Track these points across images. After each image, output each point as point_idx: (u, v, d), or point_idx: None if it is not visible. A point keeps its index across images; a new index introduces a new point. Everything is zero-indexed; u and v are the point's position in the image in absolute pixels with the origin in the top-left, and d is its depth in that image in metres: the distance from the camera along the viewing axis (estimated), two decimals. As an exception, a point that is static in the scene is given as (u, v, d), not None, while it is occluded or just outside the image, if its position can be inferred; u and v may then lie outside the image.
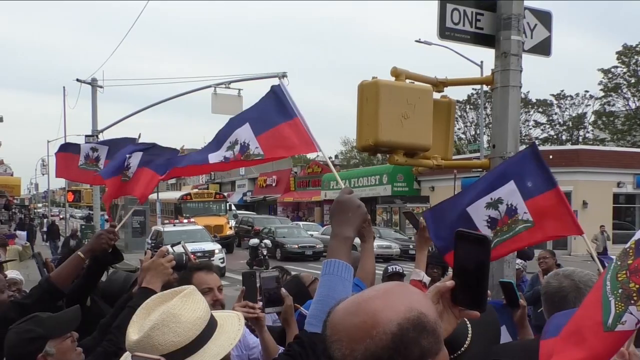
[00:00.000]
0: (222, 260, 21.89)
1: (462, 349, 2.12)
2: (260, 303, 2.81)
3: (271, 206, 55.94)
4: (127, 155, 4.61)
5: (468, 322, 2.18)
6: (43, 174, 59.01)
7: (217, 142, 4.58)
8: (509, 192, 3.64)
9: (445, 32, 4.45)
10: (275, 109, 4.49)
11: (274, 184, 55.20)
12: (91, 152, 5.17)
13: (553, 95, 54.02)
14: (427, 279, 3.84)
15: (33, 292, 3.08)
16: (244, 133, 4.45)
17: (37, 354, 2.43)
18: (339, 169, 54.36)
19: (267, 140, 4.42)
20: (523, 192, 3.63)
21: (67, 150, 5.40)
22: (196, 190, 46.25)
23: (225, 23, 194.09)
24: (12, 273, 5.61)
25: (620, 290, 1.54)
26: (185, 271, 3.12)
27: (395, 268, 5.67)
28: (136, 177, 4.67)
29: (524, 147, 4.05)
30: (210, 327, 1.74)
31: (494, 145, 4.54)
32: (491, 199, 3.66)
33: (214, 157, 4.52)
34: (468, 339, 2.17)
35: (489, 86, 4.61)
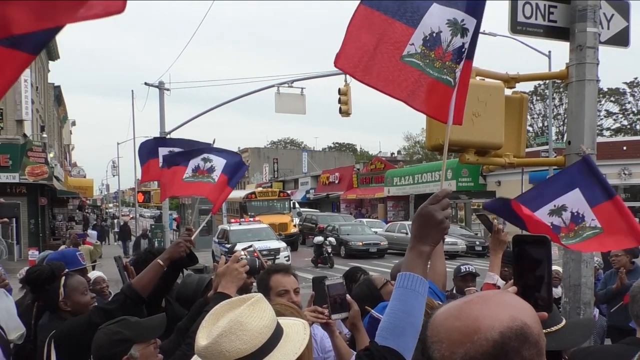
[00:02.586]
0: (287, 258, 22.17)
1: (550, 329, 2.16)
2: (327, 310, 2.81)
3: (334, 203, 56.01)
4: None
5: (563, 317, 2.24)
6: (114, 175, 61.33)
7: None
8: (574, 200, 3.53)
9: (517, 27, 4.32)
10: None
11: (336, 181, 55.27)
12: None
13: (626, 83, 52.02)
14: (501, 283, 3.76)
15: (117, 298, 3.20)
16: (438, 13, 2.36)
17: (122, 356, 2.51)
18: (401, 164, 53.93)
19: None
20: (589, 200, 3.53)
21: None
22: (260, 188, 46.91)
23: (286, 22, 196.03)
24: (97, 272, 5.98)
25: None
26: (263, 273, 3.16)
27: (469, 268, 5.57)
28: (217, 184, 4.75)
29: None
30: (276, 335, 1.75)
31: (570, 142, 4.39)
32: (554, 205, 3.56)
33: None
34: (559, 325, 2.22)
35: (563, 80, 4.45)
